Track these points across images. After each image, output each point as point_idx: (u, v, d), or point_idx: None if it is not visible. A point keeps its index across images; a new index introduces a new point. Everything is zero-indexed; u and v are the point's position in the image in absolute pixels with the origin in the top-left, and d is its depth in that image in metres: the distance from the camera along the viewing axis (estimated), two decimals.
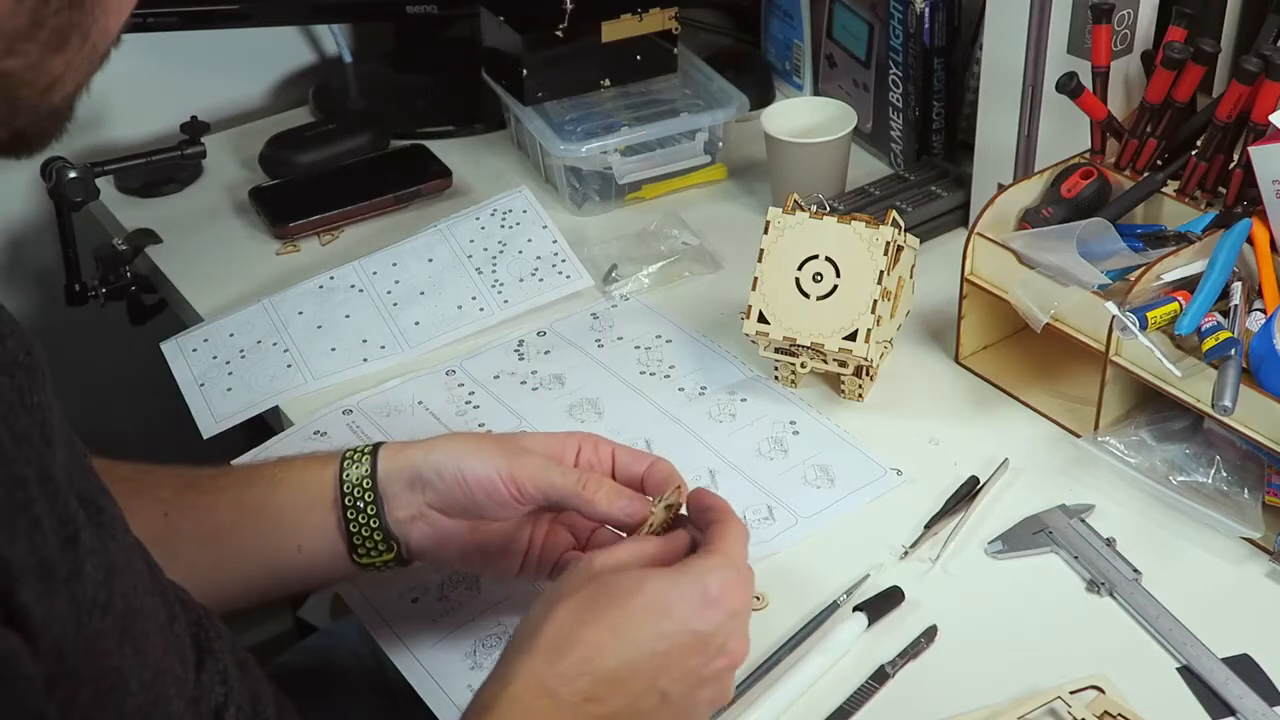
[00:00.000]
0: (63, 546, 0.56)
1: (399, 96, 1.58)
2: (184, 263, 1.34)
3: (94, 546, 0.59)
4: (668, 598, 0.75)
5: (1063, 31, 1.15)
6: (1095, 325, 1.02)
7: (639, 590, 0.75)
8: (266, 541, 0.89)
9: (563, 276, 1.25)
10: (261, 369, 1.17)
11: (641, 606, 0.74)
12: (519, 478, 0.84)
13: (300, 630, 1.71)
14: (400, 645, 0.93)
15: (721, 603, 0.75)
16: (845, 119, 1.32)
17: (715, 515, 0.80)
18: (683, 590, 0.75)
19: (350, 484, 0.87)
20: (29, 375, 0.60)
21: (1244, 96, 1.03)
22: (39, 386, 0.60)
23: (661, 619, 0.74)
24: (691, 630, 0.75)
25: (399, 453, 0.88)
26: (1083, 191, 1.11)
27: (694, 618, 0.75)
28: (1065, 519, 0.99)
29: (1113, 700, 0.85)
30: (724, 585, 0.76)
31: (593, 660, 0.73)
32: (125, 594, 0.61)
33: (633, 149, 1.37)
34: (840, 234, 1.08)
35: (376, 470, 0.87)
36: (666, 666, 0.74)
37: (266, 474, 0.91)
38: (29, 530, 0.54)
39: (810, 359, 1.10)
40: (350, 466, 0.88)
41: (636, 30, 1.42)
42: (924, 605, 0.94)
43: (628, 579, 0.76)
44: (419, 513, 0.87)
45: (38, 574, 0.54)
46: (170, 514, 0.88)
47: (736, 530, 0.79)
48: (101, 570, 0.59)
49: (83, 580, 0.57)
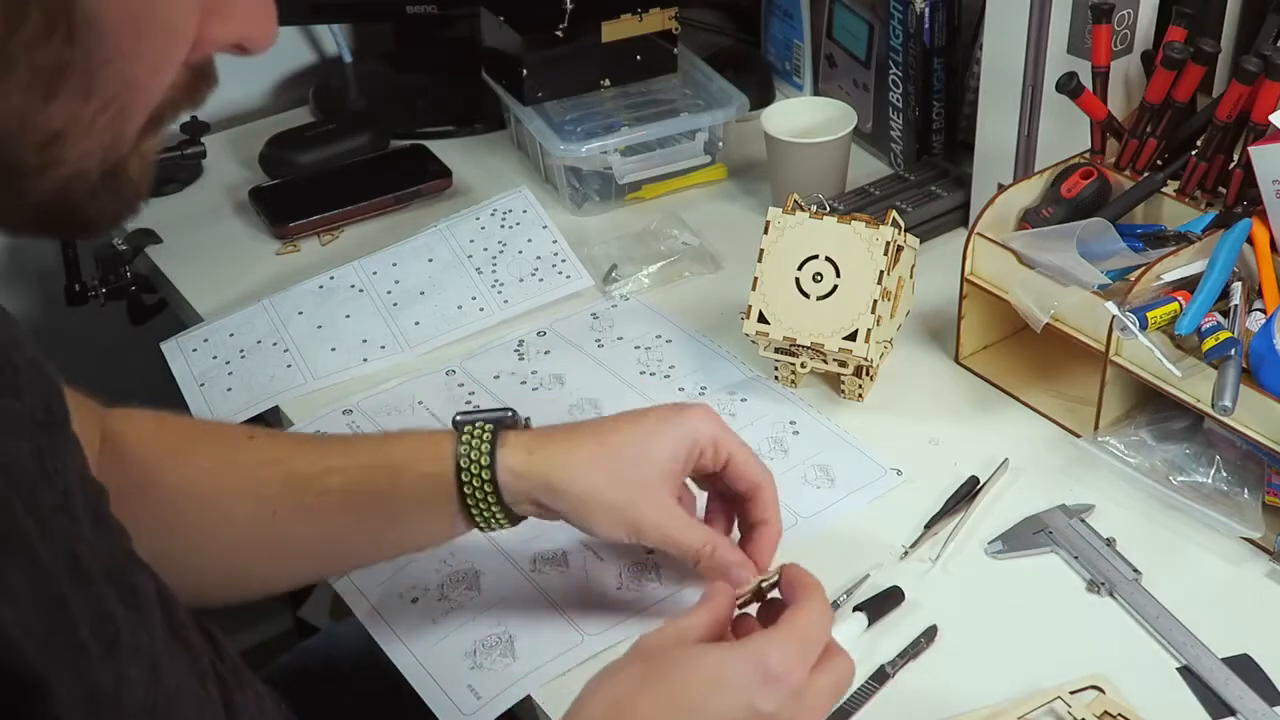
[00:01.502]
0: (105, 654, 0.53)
1: (399, 96, 1.58)
2: (184, 263, 1.34)
3: (135, 645, 0.55)
4: (724, 672, 0.71)
5: (1063, 31, 1.15)
6: (1095, 325, 1.02)
7: (695, 664, 0.71)
8: (386, 541, 0.90)
9: (563, 276, 1.25)
10: (261, 369, 1.17)
11: (696, 681, 0.70)
12: (643, 538, 0.86)
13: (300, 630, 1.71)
14: (400, 645, 0.93)
15: (784, 680, 0.70)
16: (845, 119, 1.32)
17: (798, 593, 0.76)
18: (741, 664, 0.71)
19: (474, 499, 0.85)
20: (48, 436, 0.55)
21: (1244, 96, 1.03)
22: (59, 448, 0.56)
23: (717, 694, 0.70)
24: (750, 706, 0.70)
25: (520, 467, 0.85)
26: (1083, 191, 1.11)
27: (753, 693, 0.70)
28: (1065, 519, 0.99)
29: (1113, 700, 0.85)
30: (788, 661, 0.71)
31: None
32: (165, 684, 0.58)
33: (633, 149, 1.37)
34: (840, 234, 1.08)
35: (498, 481, 0.85)
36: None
37: (376, 467, 0.87)
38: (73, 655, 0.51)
39: (810, 359, 1.10)
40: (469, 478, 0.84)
41: (636, 30, 1.42)
42: (924, 605, 0.94)
43: (681, 653, 0.72)
44: (538, 512, 0.88)
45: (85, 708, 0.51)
46: (279, 513, 0.86)
47: (813, 609, 0.75)
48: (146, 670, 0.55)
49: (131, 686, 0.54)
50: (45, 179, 0.52)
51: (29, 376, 0.55)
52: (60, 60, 0.49)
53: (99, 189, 0.54)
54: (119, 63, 0.50)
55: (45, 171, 0.51)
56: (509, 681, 0.89)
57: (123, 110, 0.52)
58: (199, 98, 0.57)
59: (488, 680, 0.89)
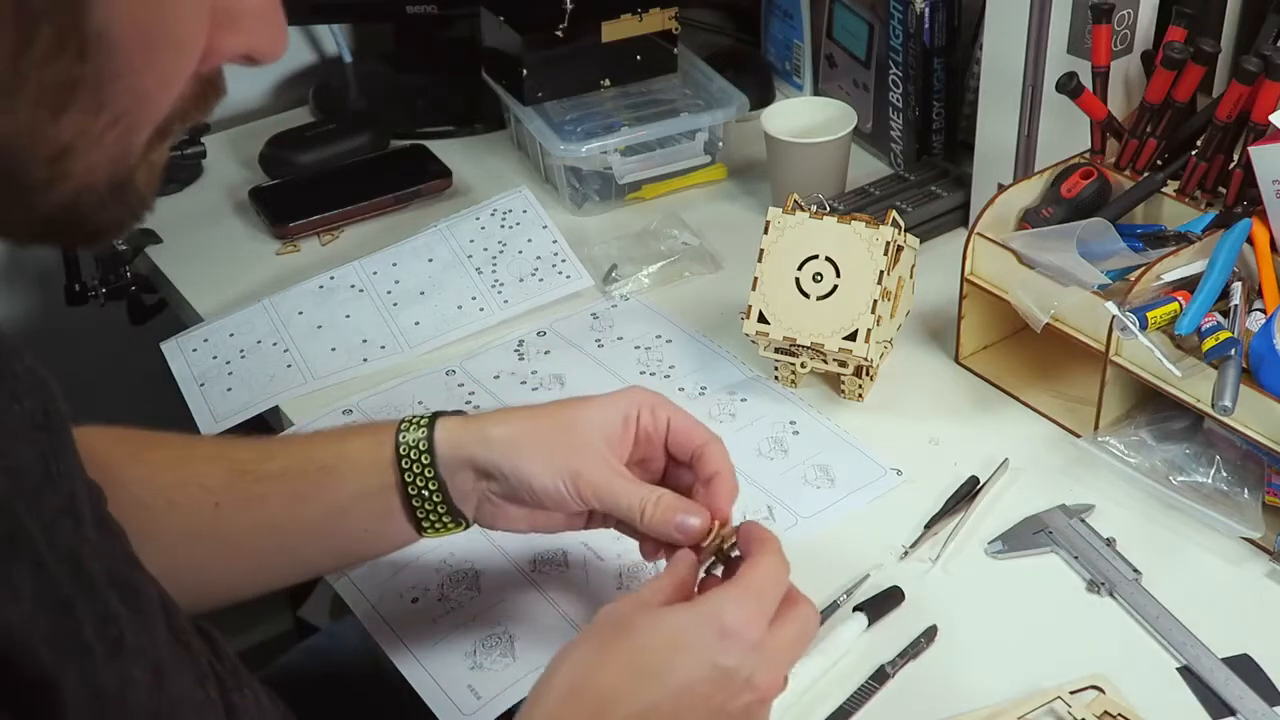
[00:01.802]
0: (109, 656, 0.53)
1: (399, 96, 1.58)
2: (184, 263, 1.34)
3: (139, 646, 0.55)
4: (683, 633, 0.71)
5: (1063, 31, 1.15)
6: (1095, 325, 1.02)
7: (653, 628, 0.72)
8: (329, 532, 0.87)
9: (563, 276, 1.25)
10: (261, 369, 1.17)
11: (656, 645, 0.71)
12: (583, 490, 0.82)
13: (300, 630, 1.71)
14: (400, 645, 0.93)
15: (742, 635, 0.71)
16: (845, 119, 1.32)
17: (754, 548, 0.77)
18: (698, 624, 0.72)
19: (412, 474, 0.84)
20: (50, 439, 0.56)
21: (1244, 96, 1.03)
22: (61, 449, 0.56)
23: (678, 655, 0.71)
24: (711, 664, 0.71)
25: (459, 442, 0.84)
26: (1083, 191, 1.11)
27: (713, 651, 0.71)
28: (1065, 519, 0.99)
29: (1113, 700, 0.85)
30: (745, 617, 0.72)
31: (612, 703, 0.70)
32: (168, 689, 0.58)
33: (633, 149, 1.37)
34: (840, 234, 1.08)
35: (435, 452, 0.84)
36: (692, 704, 0.71)
37: (318, 459, 0.87)
38: (79, 657, 0.51)
39: (810, 359, 1.10)
40: (407, 451, 0.84)
41: (636, 30, 1.42)
42: (924, 605, 0.94)
43: (643, 617, 0.72)
44: (482, 497, 0.85)
45: (90, 710, 0.51)
46: (221, 504, 0.85)
47: (768, 563, 0.75)
48: (150, 673, 0.56)
49: (135, 689, 0.54)
50: (54, 193, 0.52)
51: (28, 382, 0.55)
52: (71, 77, 0.49)
53: (107, 200, 0.54)
54: (129, 77, 0.50)
55: (54, 185, 0.51)
56: (509, 681, 0.89)
57: (132, 124, 0.52)
58: (207, 108, 0.57)
59: (488, 680, 0.89)
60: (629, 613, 0.73)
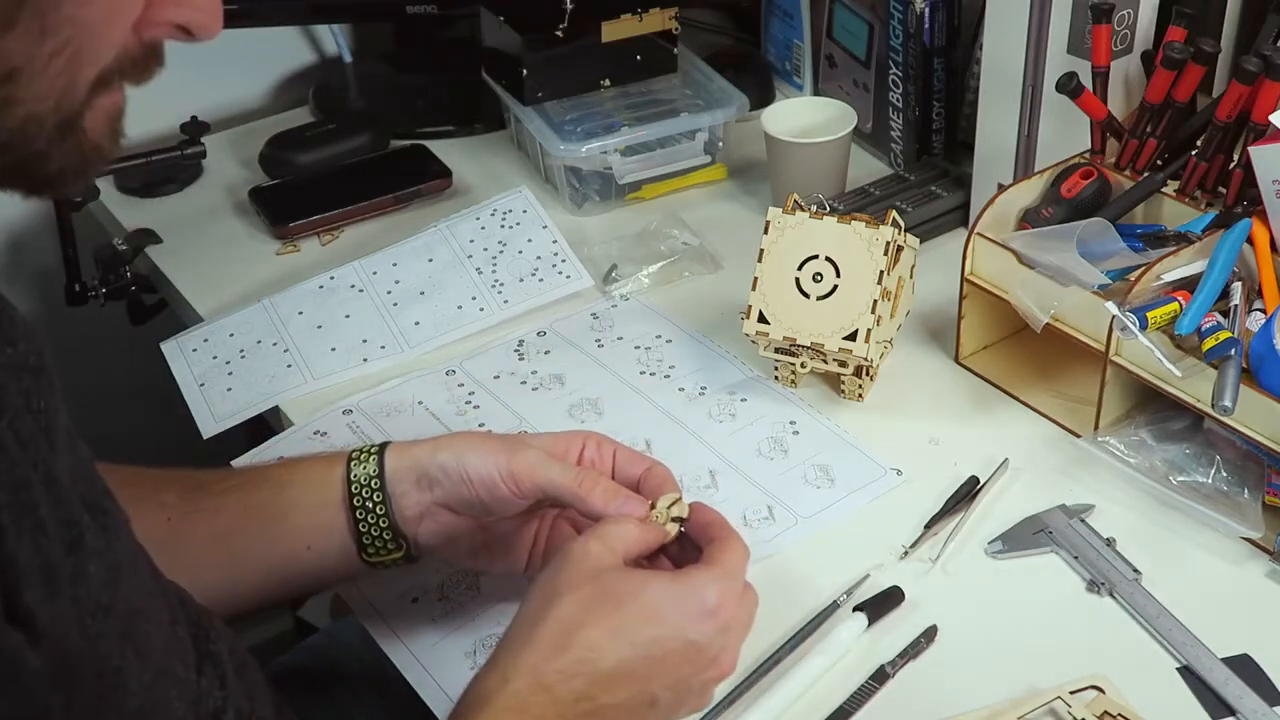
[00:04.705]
0: (67, 549, 0.56)
1: (399, 96, 1.58)
2: (184, 263, 1.34)
3: (98, 548, 0.59)
4: (666, 604, 0.76)
5: (1063, 31, 1.15)
6: (1095, 325, 1.02)
7: (639, 594, 0.75)
8: (275, 543, 0.89)
9: (563, 276, 1.25)
10: (261, 369, 1.17)
11: (640, 610, 0.75)
12: (517, 473, 0.84)
13: (300, 630, 1.71)
14: (400, 645, 0.93)
15: (718, 615, 0.76)
16: (845, 119, 1.32)
17: (716, 530, 0.81)
18: (682, 598, 0.76)
19: (358, 483, 0.87)
20: (36, 379, 0.59)
21: (1244, 96, 1.03)
22: (45, 390, 0.60)
23: (658, 624, 0.75)
24: (686, 639, 0.76)
25: (405, 451, 0.88)
26: (1083, 191, 1.11)
27: (690, 627, 0.76)
28: (1065, 519, 0.99)
29: (1113, 700, 0.85)
30: (722, 598, 0.76)
31: (591, 661, 0.74)
32: (128, 596, 0.61)
33: (633, 149, 1.37)
34: (840, 234, 1.08)
35: (384, 469, 0.87)
36: (661, 671, 0.75)
37: (272, 475, 0.91)
38: (33, 532, 0.54)
39: (810, 359, 1.10)
40: (357, 465, 0.88)
41: (636, 30, 1.42)
42: (924, 605, 0.94)
43: (629, 581, 0.76)
44: (426, 510, 0.87)
45: (42, 576, 0.54)
46: (174, 518, 0.88)
47: (738, 545, 0.80)
48: (105, 572, 0.59)
49: (86, 581, 0.57)
50: (3, 117, 0.54)
51: (24, 329, 0.59)
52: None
53: (55, 138, 0.56)
54: (70, 5, 0.53)
55: (2, 110, 0.54)
56: None
57: (75, 55, 0.54)
58: (147, 74, 0.60)
59: None
60: (608, 570, 0.76)
